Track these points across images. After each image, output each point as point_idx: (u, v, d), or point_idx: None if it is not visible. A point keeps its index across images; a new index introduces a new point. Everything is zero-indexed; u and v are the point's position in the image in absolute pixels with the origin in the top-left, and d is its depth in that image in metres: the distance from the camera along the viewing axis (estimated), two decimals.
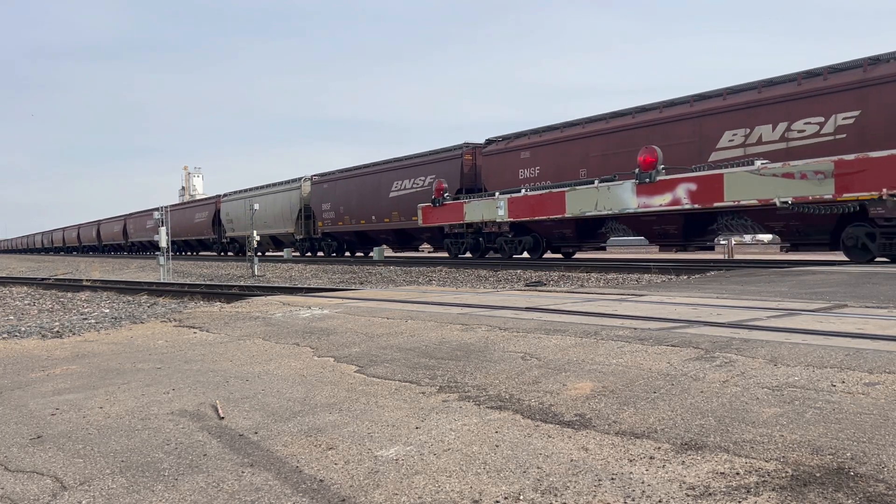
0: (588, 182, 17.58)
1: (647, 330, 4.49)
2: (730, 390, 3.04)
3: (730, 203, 14.31)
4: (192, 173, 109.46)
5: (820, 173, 12.74)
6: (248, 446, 2.79)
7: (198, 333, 6.18)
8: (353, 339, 5.17)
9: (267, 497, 2.25)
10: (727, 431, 2.56)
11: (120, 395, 3.82)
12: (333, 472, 2.44)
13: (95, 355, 5.32)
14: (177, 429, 3.10)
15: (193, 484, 2.41)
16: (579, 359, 3.85)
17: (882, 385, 2.92)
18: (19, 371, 4.79)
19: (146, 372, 4.48)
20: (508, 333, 4.75)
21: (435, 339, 4.80)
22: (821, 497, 1.98)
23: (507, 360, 4.00)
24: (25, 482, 2.52)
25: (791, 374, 3.18)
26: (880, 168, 12.03)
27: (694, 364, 3.51)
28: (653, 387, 3.20)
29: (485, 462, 2.45)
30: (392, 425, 2.96)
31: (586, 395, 3.19)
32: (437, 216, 23.12)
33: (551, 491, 2.16)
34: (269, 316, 6.84)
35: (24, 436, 3.12)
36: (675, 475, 2.21)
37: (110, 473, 2.56)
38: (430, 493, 2.20)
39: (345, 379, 3.93)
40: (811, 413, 2.67)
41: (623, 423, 2.76)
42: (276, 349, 5.07)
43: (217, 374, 4.29)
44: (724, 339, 4.03)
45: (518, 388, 3.42)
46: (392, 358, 4.36)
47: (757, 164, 13.85)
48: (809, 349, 3.60)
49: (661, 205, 15.66)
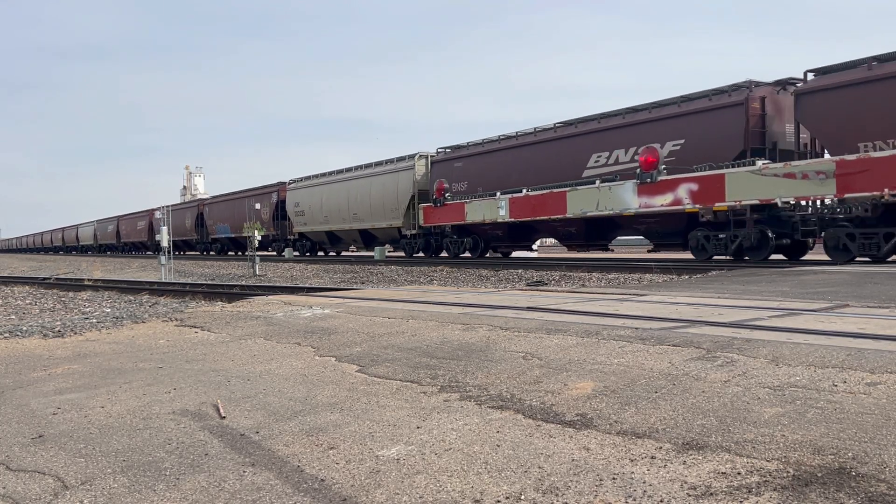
0: (589, 182, 17.67)
1: (648, 330, 4.49)
2: (731, 390, 3.03)
3: (731, 202, 14.32)
4: (193, 173, 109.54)
5: (821, 173, 12.73)
6: (249, 446, 2.79)
7: (199, 333, 6.18)
8: (355, 338, 5.17)
9: (268, 497, 2.25)
10: (728, 431, 2.56)
11: (121, 395, 3.82)
12: (335, 471, 2.44)
13: (97, 355, 5.32)
14: (178, 428, 3.10)
15: (195, 483, 2.41)
16: (581, 358, 3.85)
17: (884, 385, 2.91)
18: (21, 370, 4.80)
19: (147, 371, 4.48)
20: (510, 333, 4.75)
21: (436, 339, 4.80)
22: (822, 497, 1.98)
23: (508, 359, 4.00)
24: (27, 481, 2.53)
25: (793, 374, 3.18)
26: (881, 168, 12.06)
27: (695, 364, 3.51)
28: (654, 386, 3.20)
29: (486, 462, 2.45)
30: (393, 425, 2.96)
31: (588, 394, 3.19)
32: (438, 216, 23.13)
33: (553, 491, 2.16)
34: (271, 315, 6.84)
35: (26, 435, 3.12)
36: (676, 475, 2.21)
37: (112, 473, 2.57)
38: (431, 493, 2.20)
39: (346, 378, 3.93)
40: (813, 413, 2.66)
41: (624, 423, 2.76)
42: (278, 349, 5.07)
43: (218, 373, 4.30)
44: (726, 338, 4.03)
45: (519, 387, 3.42)
46: (393, 357, 4.36)
47: (758, 163, 13.85)
48: (811, 349, 3.59)
49: (662, 205, 15.67)
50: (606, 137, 18.32)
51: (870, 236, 12.75)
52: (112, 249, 60.79)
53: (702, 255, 15.85)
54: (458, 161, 23.57)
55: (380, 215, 26.95)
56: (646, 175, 15.83)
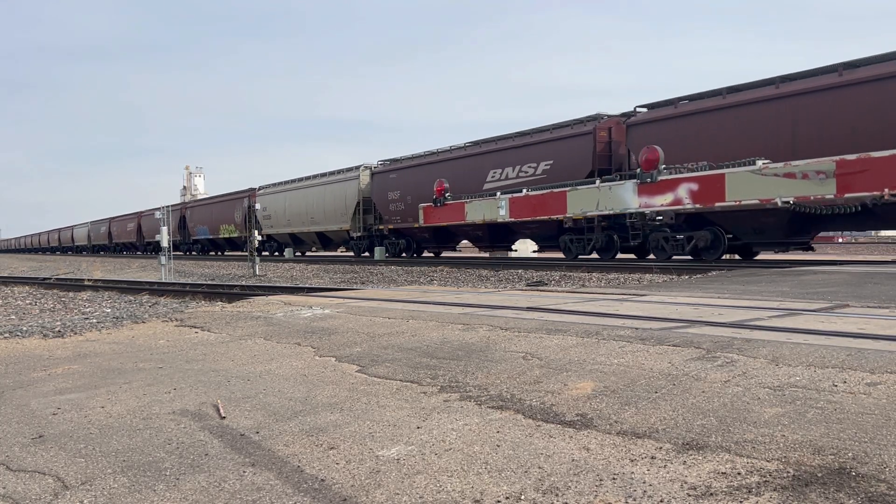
0: (590, 182, 17.71)
1: (648, 330, 4.49)
2: (731, 390, 3.03)
3: (731, 203, 14.32)
4: (193, 173, 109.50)
5: (822, 173, 12.73)
6: (249, 446, 2.79)
7: (199, 333, 6.18)
8: (355, 338, 5.17)
9: (268, 497, 2.25)
10: (729, 431, 2.56)
11: (121, 395, 3.82)
12: (335, 471, 2.44)
13: (97, 355, 5.32)
14: (178, 428, 3.10)
15: (195, 483, 2.41)
16: (581, 358, 3.85)
17: (884, 385, 2.91)
18: (21, 370, 4.80)
19: (148, 371, 4.48)
20: (510, 333, 4.75)
21: (436, 339, 4.80)
22: (822, 497, 1.98)
23: (508, 359, 4.00)
24: (27, 482, 2.53)
25: (792, 374, 3.18)
26: (881, 167, 12.06)
27: (695, 364, 3.51)
28: (654, 386, 3.20)
29: (486, 462, 2.45)
30: (393, 425, 2.96)
31: (588, 394, 3.19)
32: (438, 216, 23.18)
33: (553, 491, 2.16)
34: (271, 315, 6.84)
35: (26, 435, 3.12)
36: (676, 475, 2.21)
37: (112, 473, 2.57)
38: (431, 493, 2.20)
39: (346, 379, 3.93)
40: (813, 413, 2.66)
41: (624, 423, 2.76)
42: (278, 349, 5.07)
43: (218, 373, 4.30)
44: (726, 338, 4.03)
45: (519, 387, 3.42)
46: (393, 358, 4.36)
47: (759, 163, 13.85)
48: (811, 349, 3.59)
49: (662, 204, 15.67)
50: (501, 157, 21.88)
51: (678, 239, 15.82)
52: (105, 249, 63.22)
53: (569, 254, 18.80)
54: (392, 173, 27.00)
55: (332, 219, 30.39)
56: (646, 175, 15.85)
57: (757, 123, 14.95)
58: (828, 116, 13.75)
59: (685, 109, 16.61)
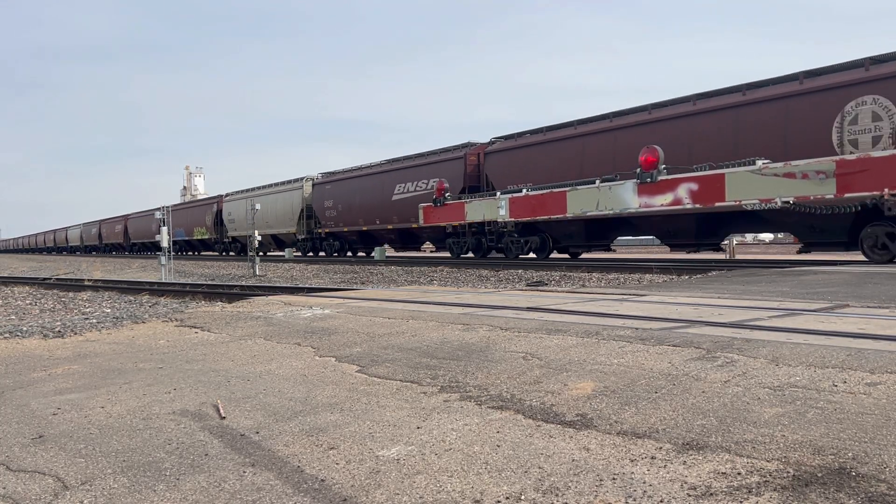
0: (590, 182, 17.71)
1: (648, 330, 4.49)
2: (731, 390, 3.03)
3: (731, 202, 14.32)
4: (193, 173, 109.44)
5: (821, 173, 12.73)
6: (249, 446, 2.79)
7: (199, 333, 6.18)
8: (355, 338, 5.17)
9: (268, 497, 2.25)
10: (728, 431, 2.56)
11: (121, 395, 3.82)
12: (335, 471, 2.44)
13: (97, 355, 5.32)
14: (178, 428, 3.10)
15: (195, 484, 2.41)
16: (581, 359, 3.85)
17: (884, 385, 2.91)
18: (21, 371, 4.80)
19: (148, 371, 4.48)
20: (510, 333, 4.75)
21: (436, 339, 4.80)
22: (822, 497, 1.98)
23: (508, 359, 4.00)
24: (27, 482, 2.53)
25: (792, 374, 3.18)
26: (880, 167, 12.06)
27: (695, 364, 3.51)
28: (654, 387, 3.20)
29: (486, 462, 2.45)
30: (393, 425, 2.96)
31: (588, 394, 3.19)
32: (438, 216, 23.19)
33: (553, 491, 2.16)
34: (271, 316, 6.84)
35: (26, 435, 3.12)
36: (676, 475, 2.21)
37: (112, 473, 2.57)
38: (431, 493, 2.20)
39: (346, 379, 3.93)
40: (813, 413, 2.66)
41: (624, 423, 2.76)
42: (278, 349, 5.07)
43: (218, 373, 4.30)
44: (726, 338, 4.03)
45: (519, 387, 3.42)
46: (393, 358, 4.36)
47: (758, 163, 13.85)
48: (811, 349, 3.59)
49: (662, 204, 15.66)
50: (403, 174, 26.43)
51: (520, 242, 20.27)
52: (96, 249, 66.17)
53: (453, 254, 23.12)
54: (328, 185, 31.49)
55: (282, 224, 35.02)
56: (646, 175, 15.85)
57: (564, 154, 20.07)
58: (603, 151, 18.74)
59: (522, 142, 21.78)
